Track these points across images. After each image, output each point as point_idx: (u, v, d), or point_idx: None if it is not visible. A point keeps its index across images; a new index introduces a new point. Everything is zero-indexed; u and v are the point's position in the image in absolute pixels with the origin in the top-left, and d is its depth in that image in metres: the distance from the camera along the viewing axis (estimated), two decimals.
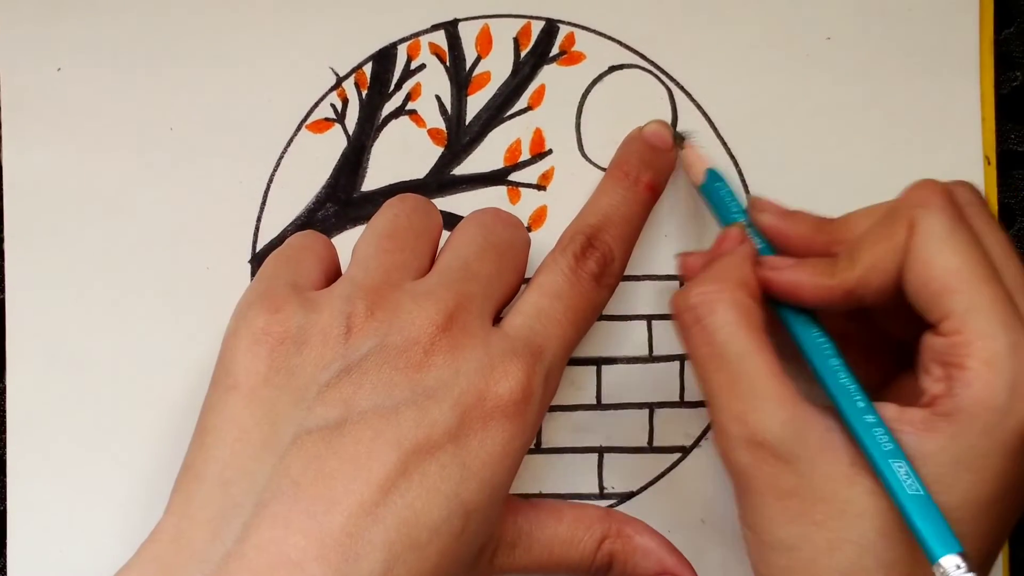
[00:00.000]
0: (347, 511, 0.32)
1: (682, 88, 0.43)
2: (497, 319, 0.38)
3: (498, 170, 0.43)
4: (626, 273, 0.42)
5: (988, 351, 0.33)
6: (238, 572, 0.31)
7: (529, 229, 0.42)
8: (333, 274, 0.39)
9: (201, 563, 0.32)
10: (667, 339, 0.42)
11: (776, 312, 0.38)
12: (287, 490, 0.32)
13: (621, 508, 0.42)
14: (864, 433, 0.34)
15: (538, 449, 0.42)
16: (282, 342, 0.35)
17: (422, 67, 0.43)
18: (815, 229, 0.38)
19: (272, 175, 0.42)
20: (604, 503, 0.42)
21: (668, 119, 0.42)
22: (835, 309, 0.37)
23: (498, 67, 0.43)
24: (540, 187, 0.43)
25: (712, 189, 0.40)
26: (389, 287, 0.36)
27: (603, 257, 0.38)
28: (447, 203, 0.42)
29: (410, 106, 0.43)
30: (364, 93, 0.42)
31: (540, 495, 0.42)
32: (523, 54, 0.43)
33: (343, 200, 0.42)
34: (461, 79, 0.43)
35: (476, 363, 0.35)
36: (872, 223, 0.36)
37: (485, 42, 0.43)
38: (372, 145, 0.42)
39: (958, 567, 0.32)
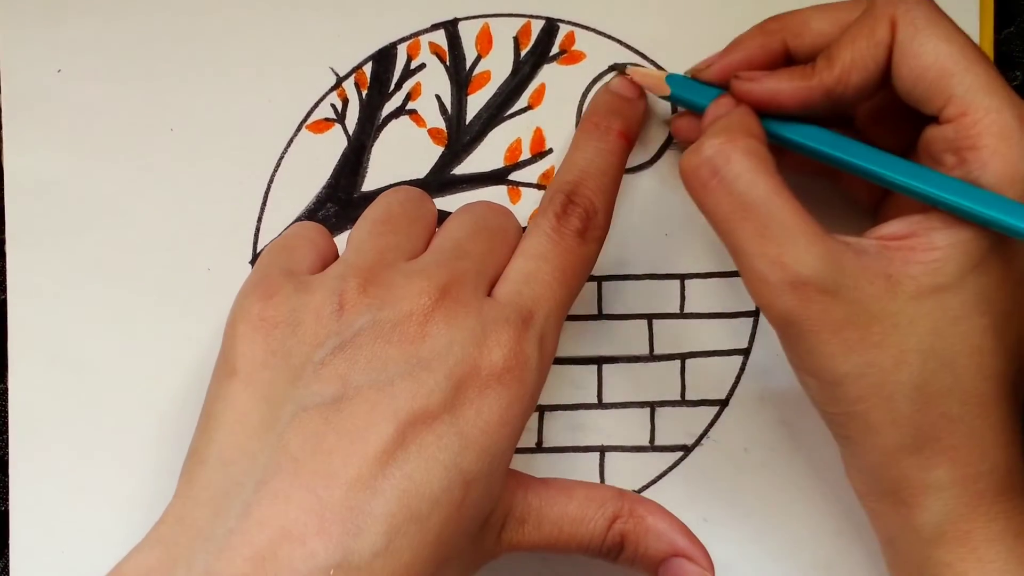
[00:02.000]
0: (346, 484, 0.32)
1: None
2: None
3: (499, 169, 0.43)
4: (626, 272, 0.42)
5: (999, 124, 0.34)
6: (240, 548, 0.31)
7: None
8: (330, 261, 0.39)
9: (205, 541, 0.32)
10: (668, 338, 0.42)
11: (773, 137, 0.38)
12: (287, 467, 0.32)
13: None
14: (912, 171, 0.35)
15: (539, 448, 0.42)
16: (277, 325, 0.35)
17: (422, 67, 0.43)
18: (764, 35, 0.39)
19: (272, 175, 0.42)
20: None
21: (668, 118, 0.42)
22: (815, 113, 0.37)
23: (498, 66, 0.43)
24: (541, 187, 0.43)
25: (682, 89, 0.40)
26: (382, 266, 0.36)
27: (585, 212, 0.38)
28: (447, 203, 0.42)
29: (410, 106, 0.43)
30: (364, 93, 0.43)
31: None
32: (523, 53, 0.43)
33: (343, 200, 0.42)
34: (461, 78, 0.43)
35: (469, 332, 0.35)
36: (842, 23, 0.37)
37: (485, 41, 0.43)
38: (372, 145, 0.42)
39: None
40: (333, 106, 0.42)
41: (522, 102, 0.43)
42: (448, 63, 0.43)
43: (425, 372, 0.34)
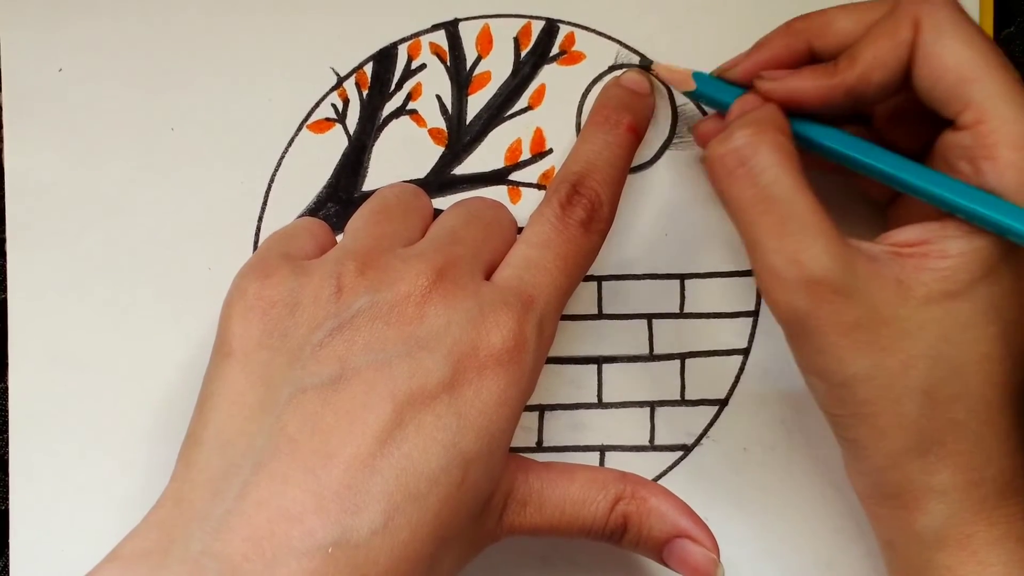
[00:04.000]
0: (344, 464, 0.32)
1: None
2: None
3: (499, 170, 0.43)
4: (626, 272, 0.42)
5: (1015, 135, 0.34)
6: (238, 528, 0.31)
7: None
8: (327, 250, 0.39)
9: (202, 522, 0.32)
10: (668, 338, 0.42)
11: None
12: (284, 447, 0.32)
13: None
14: (928, 176, 0.35)
15: (539, 448, 0.42)
16: (273, 305, 0.35)
17: (423, 67, 0.43)
18: (790, 36, 0.39)
19: (273, 175, 0.42)
20: None
21: (668, 119, 0.43)
22: (837, 112, 0.37)
23: (498, 67, 0.43)
24: (541, 187, 0.43)
25: (707, 86, 0.40)
26: (379, 251, 0.36)
27: (590, 203, 0.38)
28: (448, 203, 0.42)
29: (411, 106, 0.43)
30: (365, 93, 0.43)
31: None
32: (523, 54, 0.43)
33: (344, 200, 0.42)
34: (462, 79, 0.43)
35: (467, 314, 0.35)
36: (866, 23, 0.37)
37: (485, 42, 0.43)
38: (373, 145, 0.43)
39: None
40: (334, 106, 0.43)
41: (522, 102, 0.43)
42: (448, 63, 0.43)
43: (423, 352, 0.34)
